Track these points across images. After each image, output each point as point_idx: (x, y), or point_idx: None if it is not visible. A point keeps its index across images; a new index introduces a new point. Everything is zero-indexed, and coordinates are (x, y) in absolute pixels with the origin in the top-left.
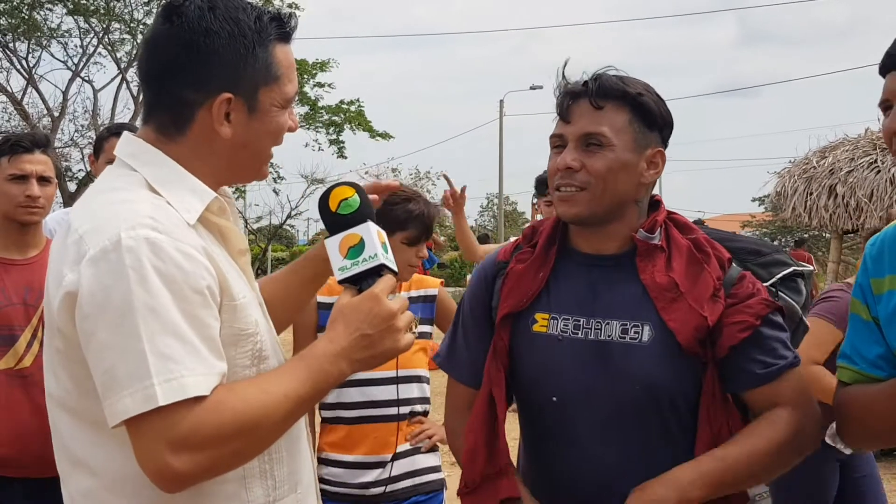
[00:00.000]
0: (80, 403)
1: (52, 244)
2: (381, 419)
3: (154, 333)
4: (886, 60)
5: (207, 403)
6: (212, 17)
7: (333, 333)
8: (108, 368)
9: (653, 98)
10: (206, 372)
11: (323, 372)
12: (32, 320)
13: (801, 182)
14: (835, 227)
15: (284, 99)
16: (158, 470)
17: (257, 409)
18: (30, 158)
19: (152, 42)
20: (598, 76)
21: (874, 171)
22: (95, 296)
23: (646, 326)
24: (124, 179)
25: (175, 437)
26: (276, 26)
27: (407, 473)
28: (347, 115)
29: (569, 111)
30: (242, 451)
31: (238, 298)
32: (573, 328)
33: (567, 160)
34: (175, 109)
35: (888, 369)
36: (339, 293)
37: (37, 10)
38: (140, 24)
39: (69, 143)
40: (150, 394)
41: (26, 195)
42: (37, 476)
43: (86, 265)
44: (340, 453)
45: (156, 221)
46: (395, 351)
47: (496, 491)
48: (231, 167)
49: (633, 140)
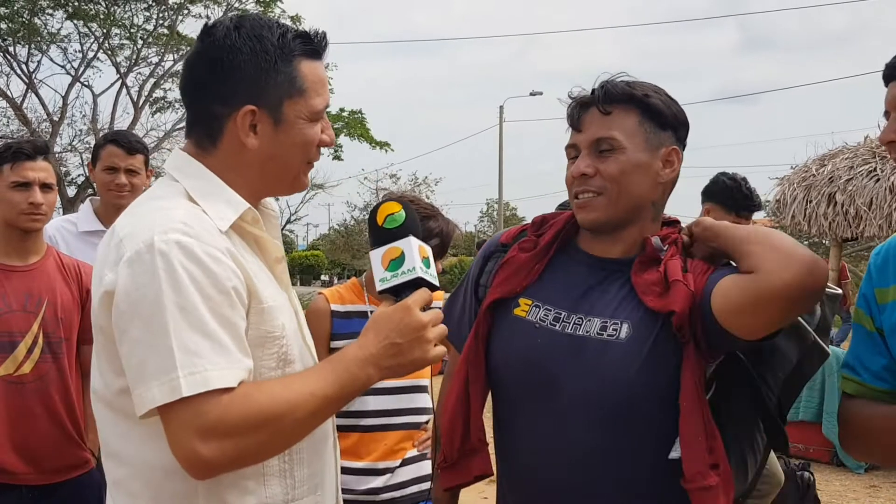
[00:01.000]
0: (114, 397)
1: (99, 247)
2: (393, 427)
3: (182, 330)
4: (887, 71)
5: (234, 396)
6: (236, 35)
7: (364, 340)
8: (139, 362)
9: (662, 98)
10: (230, 366)
11: (350, 375)
12: (32, 327)
13: (800, 190)
14: (834, 235)
15: (311, 112)
16: (187, 456)
17: (282, 404)
18: (32, 166)
19: (187, 61)
20: (603, 83)
21: (873, 179)
22: (130, 294)
23: (625, 324)
24: (166, 189)
25: (203, 426)
26: (301, 43)
27: (413, 479)
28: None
29: (579, 120)
30: (267, 443)
31: (266, 302)
32: (552, 320)
33: (581, 167)
34: (207, 123)
35: (892, 381)
36: (350, 302)
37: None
38: (140, 29)
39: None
40: (175, 385)
41: (29, 202)
42: (36, 483)
43: (123, 266)
44: (350, 460)
45: (187, 226)
46: (424, 361)
47: (470, 468)
48: (263, 178)
49: (646, 140)
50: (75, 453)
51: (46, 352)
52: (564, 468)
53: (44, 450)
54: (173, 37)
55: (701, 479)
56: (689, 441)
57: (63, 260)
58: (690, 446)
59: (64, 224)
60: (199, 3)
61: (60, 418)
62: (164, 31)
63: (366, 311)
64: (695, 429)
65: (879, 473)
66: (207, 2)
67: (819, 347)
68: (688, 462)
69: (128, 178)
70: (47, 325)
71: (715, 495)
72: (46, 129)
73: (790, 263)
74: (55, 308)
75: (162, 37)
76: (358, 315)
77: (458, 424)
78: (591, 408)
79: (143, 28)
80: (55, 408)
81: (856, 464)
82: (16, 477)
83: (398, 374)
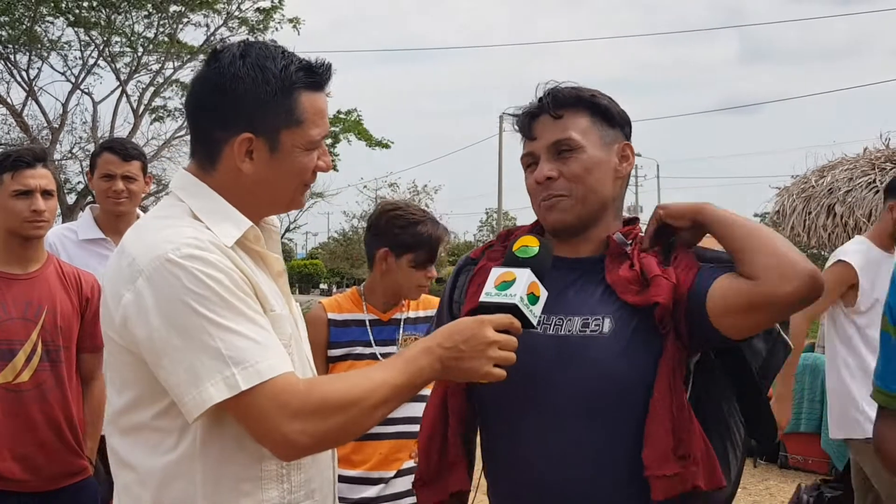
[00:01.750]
0: (117, 416)
1: (108, 266)
2: (385, 436)
3: (223, 331)
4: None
5: (313, 381)
6: (241, 63)
7: (435, 336)
8: (188, 366)
9: (606, 99)
10: (277, 356)
11: (418, 367)
12: (32, 335)
13: (799, 201)
14: (833, 247)
15: (307, 142)
16: (276, 440)
17: (360, 390)
18: (32, 173)
19: (193, 83)
20: (549, 90)
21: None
22: (160, 308)
23: (606, 319)
24: (172, 209)
25: (287, 410)
26: (303, 75)
27: (408, 491)
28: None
29: (531, 129)
30: (347, 427)
31: (275, 310)
32: None
33: (545, 171)
34: (207, 145)
35: None
36: (348, 311)
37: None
38: (140, 37)
39: (68, 155)
40: (232, 382)
41: (32, 210)
42: (34, 490)
43: (142, 283)
44: (345, 468)
45: (197, 241)
46: (478, 374)
47: (446, 485)
48: (258, 200)
49: (600, 138)
50: (73, 461)
51: (45, 360)
52: (560, 467)
53: (42, 457)
54: (173, 44)
55: (657, 467)
56: (651, 429)
57: (63, 268)
58: (651, 434)
59: (64, 232)
60: (198, 12)
61: (59, 426)
62: (165, 38)
63: (364, 320)
64: (659, 416)
65: None
66: (207, 10)
67: (783, 340)
68: (647, 448)
69: (125, 184)
70: (46, 333)
71: (674, 485)
72: (46, 137)
73: (792, 276)
74: (55, 316)
75: (162, 44)
76: (355, 323)
77: (436, 440)
78: (580, 404)
79: (144, 36)
80: (53, 416)
81: None
82: (14, 484)
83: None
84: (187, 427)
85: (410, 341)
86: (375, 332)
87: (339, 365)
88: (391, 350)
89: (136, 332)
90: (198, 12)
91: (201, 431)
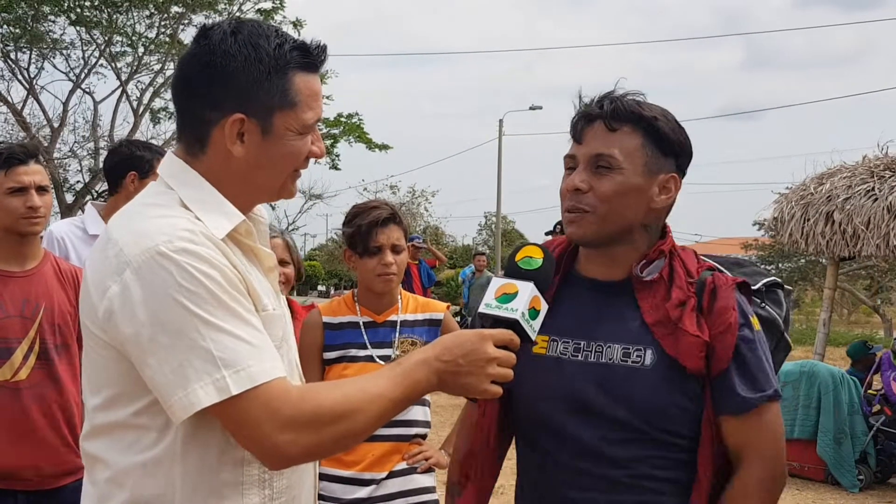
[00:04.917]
0: (93, 412)
1: (90, 256)
2: (382, 438)
3: (215, 331)
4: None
5: (306, 390)
6: (233, 41)
7: (432, 348)
8: (176, 366)
9: (669, 124)
10: (271, 360)
11: (414, 380)
12: (29, 333)
13: (798, 208)
14: (831, 254)
15: (301, 125)
16: (265, 448)
17: (354, 402)
18: (26, 170)
19: (181, 62)
20: (613, 98)
21: (871, 198)
22: (148, 303)
23: (648, 350)
24: (161, 197)
25: (279, 419)
26: (298, 55)
27: (400, 492)
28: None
29: (582, 133)
30: (340, 439)
31: (268, 309)
32: (573, 351)
33: (576, 181)
34: (195, 127)
35: None
36: (342, 314)
37: (40, 22)
38: (142, 37)
39: (68, 154)
40: (223, 385)
41: (28, 206)
42: (33, 489)
43: (130, 275)
44: (337, 468)
45: (191, 234)
46: (475, 391)
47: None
48: (248, 186)
49: (644, 164)
50: (72, 459)
51: (43, 358)
52: (593, 492)
53: (41, 455)
54: (175, 45)
55: None
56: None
57: (60, 265)
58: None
59: (72, 227)
60: (200, 13)
61: (57, 424)
62: (166, 39)
63: (357, 322)
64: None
65: (874, 493)
66: (209, 11)
67: (785, 341)
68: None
69: None
70: (44, 330)
71: None
72: (46, 135)
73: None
74: (52, 314)
75: (164, 44)
76: (349, 326)
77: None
78: (625, 432)
79: (145, 36)
80: (52, 413)
81: (850, 482)
82: (13, 482)
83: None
84: (169, 425)
85: (408, 344)
86: (370, 334)
87: (335, 367)
88: (387, 352)
89: (120, 326)
90: (199, 12)
91: (183, 431)
